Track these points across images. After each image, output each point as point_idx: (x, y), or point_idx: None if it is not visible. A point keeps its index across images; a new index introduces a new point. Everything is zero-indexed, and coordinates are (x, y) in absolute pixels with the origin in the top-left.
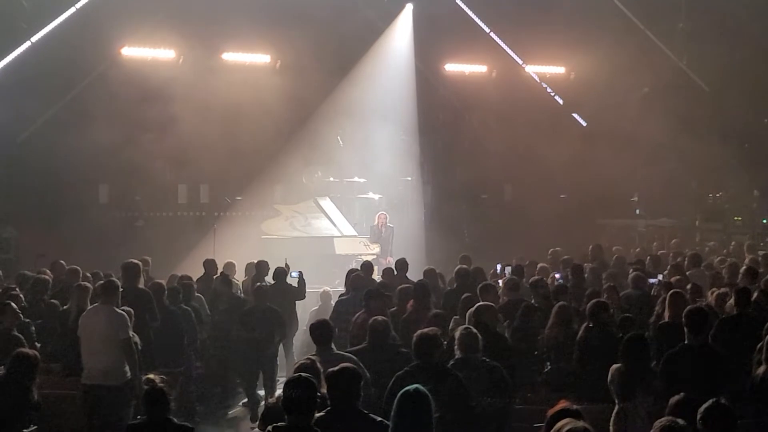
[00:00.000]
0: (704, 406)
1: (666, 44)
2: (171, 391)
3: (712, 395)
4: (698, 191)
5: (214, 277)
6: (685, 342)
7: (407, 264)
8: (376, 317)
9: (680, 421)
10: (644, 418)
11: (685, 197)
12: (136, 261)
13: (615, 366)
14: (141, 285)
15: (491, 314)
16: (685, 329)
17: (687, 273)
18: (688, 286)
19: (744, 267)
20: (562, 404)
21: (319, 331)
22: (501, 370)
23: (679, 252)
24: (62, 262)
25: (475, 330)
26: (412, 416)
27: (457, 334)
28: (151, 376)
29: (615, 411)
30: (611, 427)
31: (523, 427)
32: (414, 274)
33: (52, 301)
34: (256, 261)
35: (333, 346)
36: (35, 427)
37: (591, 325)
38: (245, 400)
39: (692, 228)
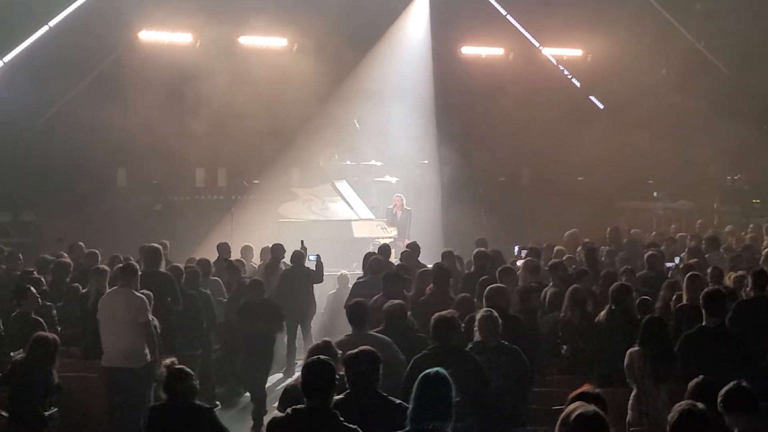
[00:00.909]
0: (725, 388)
1: (684, 25)
2: (192, 374)
3: (729, 377)
4: (717, 173)
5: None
6: (703, 324)
7: (419, 247)
8: (392, 300)
9: (699, 405)
10: (666, 402)
11: (704, 179)
12: (157, 245)
13: (633, 349)
14: (163, 268)
15: (503, 297)
16: (703, 311)
17: (705, 256)
18: (709, 270)
19: (765, 250)
20: (584, 388)
21: (355, 312)
22: (519, 353)
23: (696, 235)
24: (81, 244)
25: (495, 313)
26: (432, 398)
27: (476, 317)
28: (168, 360)
29: (633, 394)
30: (629, 411)
31: (540, 409)
32: (432, 257)
33: (74, 284)
34: (271, 245)
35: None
36: (56, 409)
37: (613, 308)
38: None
39: (710, 211)
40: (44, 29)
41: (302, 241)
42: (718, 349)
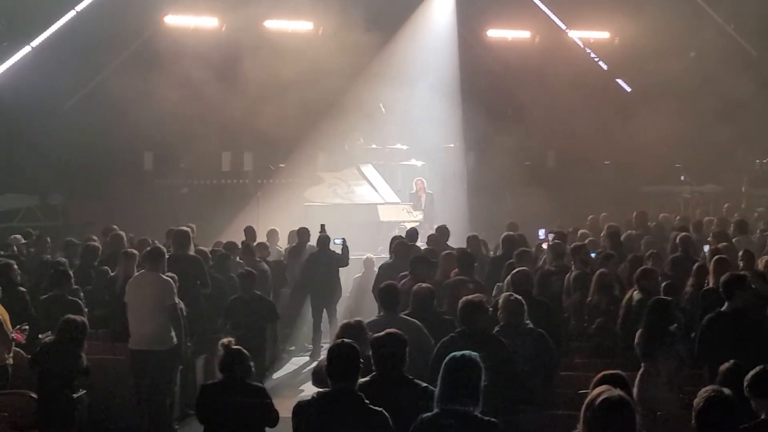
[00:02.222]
0: (752, 373)
1: (713, 7)
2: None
3: (750, 362)
4: (745, 157)
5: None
6: (722, 309)
7: (448, 231)
8: (420, 284)
9: (726, 390)
10: (665, 383)
11: (732, 163)
12: (186, 228)
13: (639, 329)
14: (191, 252)
15: (529, 281)
16: (723, 296)
17: (733, 240)
18: (740, 253)
19: None
20: (608, 372)
21: (386, 295)
22: (545, 337)
23: (724, 219)
24: (115, 227)
25: (519, 296)
26: (460, 381)
27: (501, 300)
28: (226, 340)
29: (639, 372)
30: (636, 389)
31: (567, 393)
32: (457, 242)
33: (103, 267)
34: (297, 229)
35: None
36: (84, 391)
37: (636, 292)
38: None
39: (738, 194)
40: (71, 14)
41: (322, 225)
42: (737, 334)
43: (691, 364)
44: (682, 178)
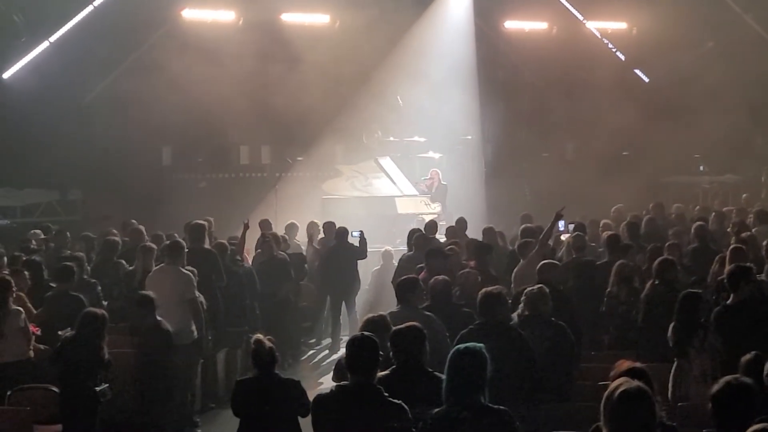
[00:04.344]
0: None
1: None
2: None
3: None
4: (764, 146)
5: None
6: (727, 302)
7: (466, 222)
8: (436, 277)
9: (745, 378)
10: (697, 377)
11: (751, 152)
12: (201, 222)
13: (672, 323)
14: (207, 245)
15: (556, 272)
16: (728, 288)
17: (753, 230)
18: (765, 243)
19: None
20: (627, 364)
21: (406, 288)
22: (565, 329)
23: (743, 209)
24: (134, 221)
25: (545, 288)
26: (467, 373)
27: (526, 291)
28: (259, 336)
29: (673, 368)
30: (670, 384)
31: (587, 385)
32: (474, 233)
33: (119, 261)
34: (322, 222)
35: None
36: (107, 385)
37: (656, 283)
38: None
39: (758, 184)
40: (89, 9)
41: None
42: (743, 327)
43: (724, 358)
44: (701, 168)
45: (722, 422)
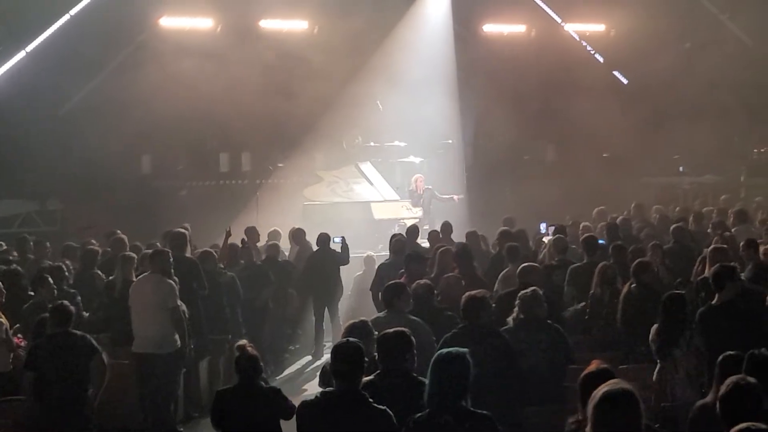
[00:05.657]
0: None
1: None
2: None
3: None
4: (742, 146)
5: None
6: (712, 303)
7: (451, 227)
8: (418, 281)
9: (750, 378)
10: (682, 378)
11: (730, 153)
12: (182, 230)
13: (655, 325)
14: (188, 254)
15: (536, 275)
16: (713, 288)
17: (733, 229)
18: (742, 243)
19: None
20: (595, 364)
21: (393, 293)
22: (561, 331)
23: (723, 209)
24: (118, 231)
25: (539, 291)
26: (449, 378)
27: (519, 294)
28: (242, 342)
29: (656, 369)
30: (654, 385)
31: (571, 387)
32: (456, 237)
33: (95, 271)
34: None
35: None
36: (91, 390)
37: (633, 285)
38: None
39: (737, 184)
40: (66, 18)
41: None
42: (729, 327)
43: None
44: (681, 169)
45: (731, 423)
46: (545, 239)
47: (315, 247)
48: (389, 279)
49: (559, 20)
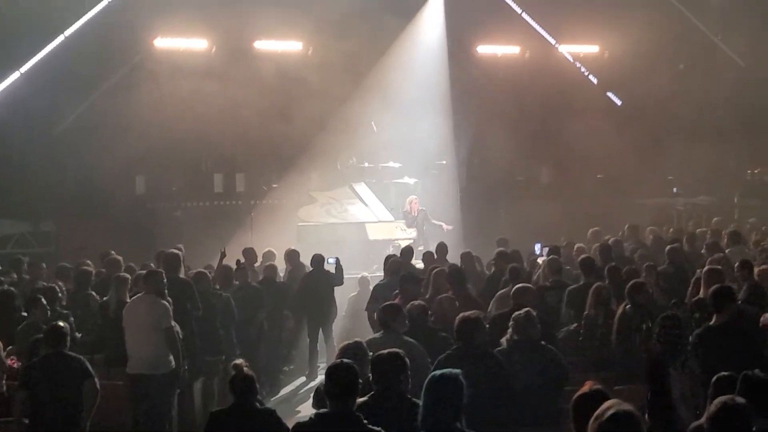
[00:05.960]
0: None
1: (700, 19)
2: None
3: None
4: (736, 167)
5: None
6: (710, 323)
7: (447, 248)
8: (412, 302)
9: (739, 399)
10: (677, 399)
11: (723, 174)
12: (176, 251)
13: (651, 346)
14: (182, 275)
15: (530, 296)
16: (712, 309)
17: (727, 251)
18: (737, 264)
19: None
20: (588, 385)
21: (389, 314)
22: (555, 352)
23: (716, 230)
24: (113, 252)
25: (533, 312)
26: (443, 400)
27: (514, 316)
28: (238, 362)
29: (651, 390)
30: (648, 407)
31: (566, 408)
32: (451, 258)
33: (89, 292)
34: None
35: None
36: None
37: (628, 305)
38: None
39: (731, 205)
40: (60, 39)
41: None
42: (728, 348)
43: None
44: (675, 190)
45: None
46: (540, 260)
47: (309, 268)
48: (384, 300)
49: (553, 42)
